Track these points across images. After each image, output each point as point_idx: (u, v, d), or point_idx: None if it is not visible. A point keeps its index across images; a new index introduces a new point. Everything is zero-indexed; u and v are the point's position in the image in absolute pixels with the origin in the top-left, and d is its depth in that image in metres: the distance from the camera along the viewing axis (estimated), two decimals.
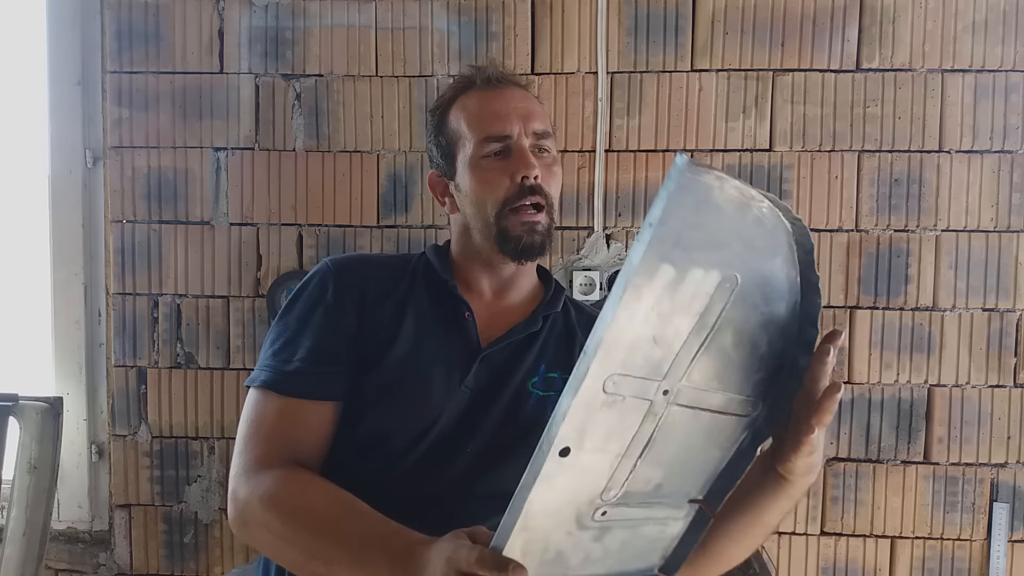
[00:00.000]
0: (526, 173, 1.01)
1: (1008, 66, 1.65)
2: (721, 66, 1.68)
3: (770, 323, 0.68)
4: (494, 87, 1.07)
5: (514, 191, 1.02)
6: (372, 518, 0.85)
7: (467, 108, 1.07)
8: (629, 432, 0.65)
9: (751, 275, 0.65)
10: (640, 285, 0.57)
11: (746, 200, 0.62)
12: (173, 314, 1.75)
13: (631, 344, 0.59)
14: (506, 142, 1.03)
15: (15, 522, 1.42)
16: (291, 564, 0.90)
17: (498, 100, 1.06)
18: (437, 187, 1.14)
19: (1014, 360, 1.66)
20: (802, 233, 0.67)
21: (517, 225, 1.02)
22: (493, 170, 1.03)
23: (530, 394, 1.03)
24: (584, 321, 1.14)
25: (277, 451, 0.94)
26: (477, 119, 1.05)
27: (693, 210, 0.57)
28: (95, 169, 1.79)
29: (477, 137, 1.04)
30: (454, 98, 1.10)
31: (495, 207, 1.03)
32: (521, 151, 1.03)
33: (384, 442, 0.98)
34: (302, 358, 0.98)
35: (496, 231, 1.03)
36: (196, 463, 1.76)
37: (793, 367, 0.71)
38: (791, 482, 0.78)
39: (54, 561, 1.80)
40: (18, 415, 1.43)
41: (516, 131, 1.03)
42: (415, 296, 1.07)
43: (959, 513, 1.67)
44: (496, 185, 1.03)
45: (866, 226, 1.67)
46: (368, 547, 0.82)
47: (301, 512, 0.88)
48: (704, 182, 0.58)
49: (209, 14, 1.73)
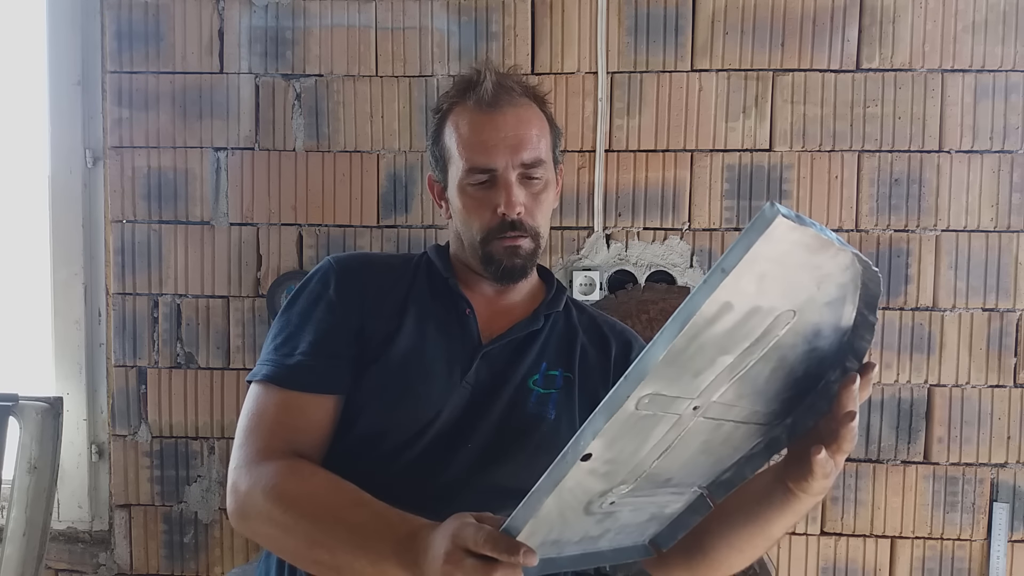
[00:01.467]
0: (506, 211, 1.02)
1: (1008, 66, 1.65)
2: (721, 66, 1.68)
3: (814, 353, 0.67)
4: (485, 111, 1.04)
5: (496, 223, 1.03)
6: (376, 505, 0.85)
7: (458, 128, 1.06)
8: (652, 440, 0.65)
9: (810, 313, 0.63)
10: (698, 329, 0.55)
11: (824, 249, 0.58)
12: (173, 314, 1.75)
13: (675, 376, 0.59)
14: (491, 174, 1.03)
15: (15, 522, 1.42)
16: (293, 554, 0.90)
17: (488, 127, 1.03)
18: (434, 189, 1.15)
19: (1014, 360, 1.66)
20: (873, 279, 0.65)
21: (500, 249, 1.04)
22: (477, 198, 1.04)
23: (531, 391, 1.04)
24: (586, 322, 1.14)
25: (278, 443, 0.94)
26: (466, 144, 1.04)
27: (769, 260, 0.54)
28: (95, 169, 1.79)
29: (464, 164, 1.04)
30: (450, 109, 1.09)
31: (479, 233, 1.04)
32: (506, 185, 1.02)
33: (384, 437, 0.98)
34: (304, 352, 0.99)
35: (481, 253, 1.05)
36: (196, 463, 1.76)
37: (825, 391, 0.71)
38: (799, 498, 0.78)
39: (54, 561, 1.80)
40: (18, 415, 1.43)
41: (502, 164, 1.02)
42: (417, 293, 1.07)
43: (959, 513, 1.67)
44: (480, 214, 1.04)
45: (866, 226, 1.67)
46: (373, 531, 0.82)
47: (304, 500, 0.88)
48: (789, 237, 0.54)
49: (209, 14, 1.73)
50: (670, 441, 0.66)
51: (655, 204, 1.70)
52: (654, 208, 1.70)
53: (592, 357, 1.10)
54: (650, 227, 1.70)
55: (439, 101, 1.13)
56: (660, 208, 1.70)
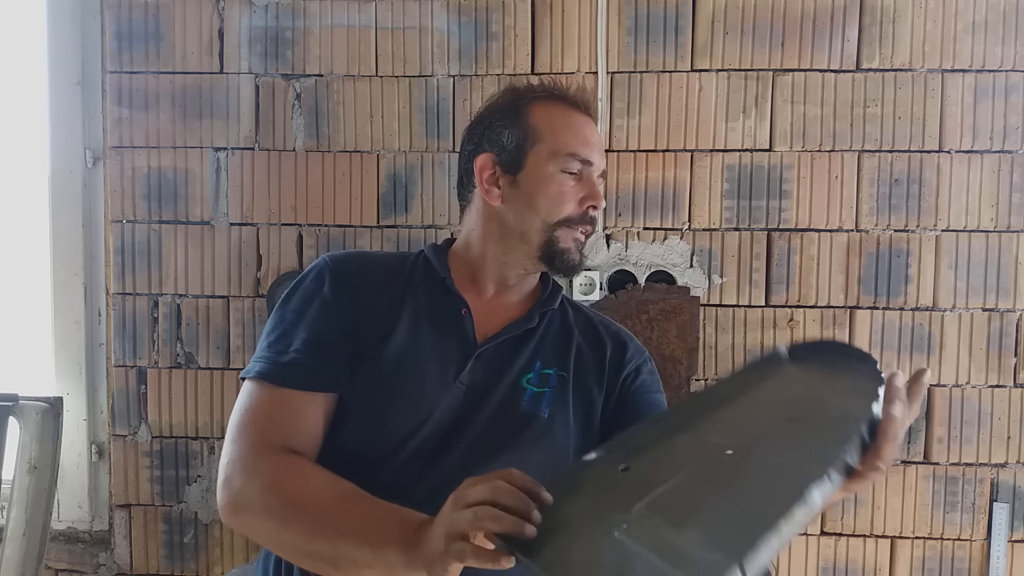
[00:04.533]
0: (595, 204, 1.07)
1: (1008, 66, 1.65)
2: (721, 66, 1.68)
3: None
4: (583, 113, 1.11)
5: (578, 214, 1.07)
6: (377, 500, 0.87)
7: (557, 116, 1.08)
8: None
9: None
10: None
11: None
12: (173, 314, 1.75)
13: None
14: (586, 168, 1.07)
15: (15, 522, 1.42)
16: (291, 547, 0.90)
17: (588, 127, 1.10)
18: (486, 171, 1.09)
19: (1014, 360, 1.66)
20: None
21: (569, 239, 1.07)
22: (567, 186, 1.06)
23: (524, 389, 1.04)
24: (582, 321, 1.14)
25: (273, 440, 0.94)
26: (567, 132, 1.07)
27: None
28: (95, 169, 1.80)
29: (563, 149, 1.06)
30: (539, 98, 1.10)
31: (558, 216, 1.06)
32: (595, 182, 1.08)
33: (378, 436, 0.98)
34: (297, 349, 0.99)
35: (545, 239, 1.06)
36: (196, 463, 1.76)
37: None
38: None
39: (54, 561, 1.80)
40: (18, 415, 1.43)
41: (598, 162, 1.09)
42: (412, 292, 1.07)
43: (959, 513, 1.67)
44: (566, 201, 1.06)
45: (866, 226, 1.67)
46: (376, 522, 0.84)
47: (306, 494, 0.88)
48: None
49: (209, 14, 1.73)
50: None
51: (655, 204, 1.70)
52: (654, 208, 1.70)
53: (587, 356, 1.10)
54: (650, 227, 1.70)
55: (521, 88, 1.13)
56: (660, 208, 1.70)
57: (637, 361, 1.12)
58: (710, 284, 1.69)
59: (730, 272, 1.69)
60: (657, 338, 1.66)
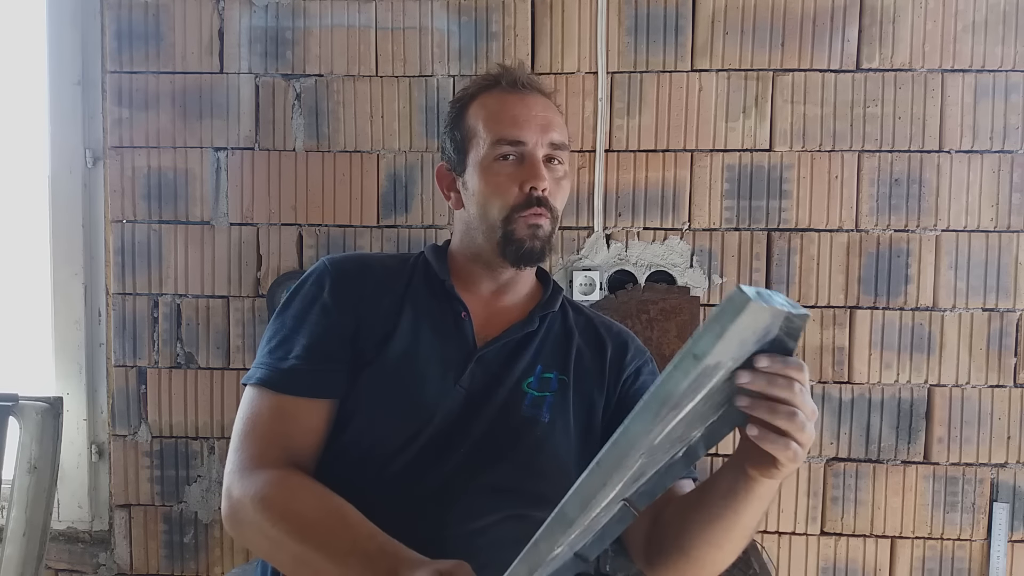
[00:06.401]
0: (534, 184, 1.02)
1: (1008, 66, 1.65)
2: (721, 66, 1.68)
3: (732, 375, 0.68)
4: (518, 91, 1.07)
5: (521, 200, 1.03)
6: (360, 530, 0.86)
7: (487, 107, 1.07)
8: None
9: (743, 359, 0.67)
10: (668, 409, 0.58)
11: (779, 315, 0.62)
12: (173, 314, 1.75)
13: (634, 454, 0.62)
14: (520, 148, 1.03)
15: (15, 522, 1.42)
16: (282, 566, 0.91)
17: (520, 104, 1.05)
18: (444, 180, 1.13)
19: (1014, 360, 1.66)
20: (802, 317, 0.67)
21: (523, 227, 1.03)
22: (502, 175, 1.03)
23: (525, 394, 1.03)
24: (582, 323, 1.14)
25: (272, 450, 0.94)
26: (495, 119, 1.04)
27: (734, 337, 0.56)
28: (95, 169, 1.79)
29: (492, 138, 1.04)
30: (476, 94, 1.09)
31: (502, 212, 1.03)
32: (534, 161, 1.03)
33: (378, 440, 0.98)
34: (298, 356, 0.99)
35: (501, 234, 1.04)
36: (196, 463, 1.76)
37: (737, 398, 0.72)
38: (762, 483, 0.77)
39: (54, 561, 1.80)
40: (18, 415, 1.43)
41: (532, 139, 1.03)
42: (412, 295, 1.07)
43: (959, 513, 1.67)
44: (504, 191, 1.03)
45: (866, 226, 1.67)
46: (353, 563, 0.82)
47: (291, 516, 0.88)
48: (756, 316, 0.57)
49: (209, 14, 1.73)
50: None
51: (655, 204, 1.70)
52: (654, 208, 1.70)
53: (587, 359, 1.10)
54: (650, 227, 1.70)
55: (460, 92, 1.13)
56: (660, 208, 1.70)
57: (638, 362, 1.12)
58: (710, 284, 1.69)
59: (730, 272, 1.69)
60: (657, 338, 1.66)
